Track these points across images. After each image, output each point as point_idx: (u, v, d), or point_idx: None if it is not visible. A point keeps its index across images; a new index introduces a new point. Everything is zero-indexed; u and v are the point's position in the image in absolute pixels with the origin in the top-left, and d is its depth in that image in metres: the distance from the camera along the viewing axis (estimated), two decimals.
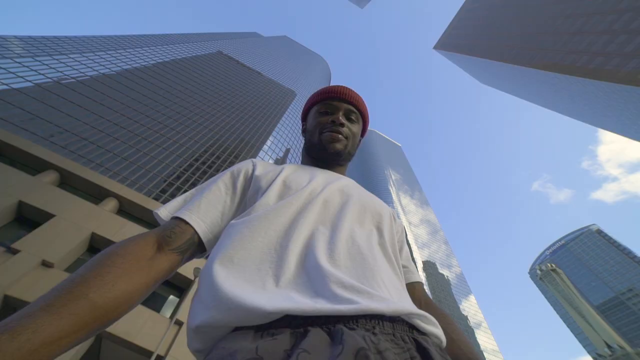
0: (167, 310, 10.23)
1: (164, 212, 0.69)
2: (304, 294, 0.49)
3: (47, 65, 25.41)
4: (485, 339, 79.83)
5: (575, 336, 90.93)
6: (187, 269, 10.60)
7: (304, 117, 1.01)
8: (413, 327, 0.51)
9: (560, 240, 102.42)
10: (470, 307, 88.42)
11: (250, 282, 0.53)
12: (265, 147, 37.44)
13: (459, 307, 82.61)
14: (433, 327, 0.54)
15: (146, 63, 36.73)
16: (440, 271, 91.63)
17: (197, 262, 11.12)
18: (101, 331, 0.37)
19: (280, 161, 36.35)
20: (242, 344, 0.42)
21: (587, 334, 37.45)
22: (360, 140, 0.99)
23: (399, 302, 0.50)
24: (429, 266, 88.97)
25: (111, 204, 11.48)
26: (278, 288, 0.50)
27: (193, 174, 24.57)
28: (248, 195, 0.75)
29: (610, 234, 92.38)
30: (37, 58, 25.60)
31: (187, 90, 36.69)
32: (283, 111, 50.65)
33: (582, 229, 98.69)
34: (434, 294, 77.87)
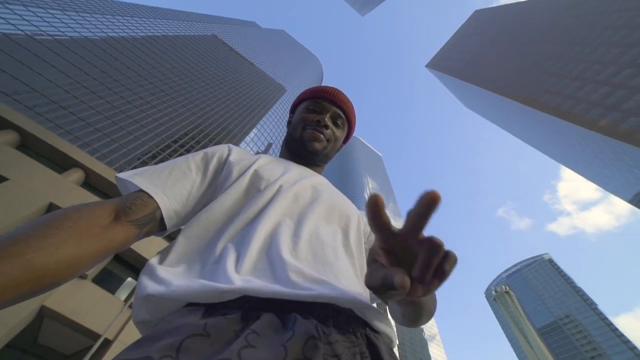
0: (122, 293, 9.80)
1: (127, 175, 0.65)
2: (262, 279, 0.49)
3: (19, 15, 23.45)
4: (436, 352, 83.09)
5: (517, 355, 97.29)
6: (150, 252, 10.23)
7: (293, 110, 1.01)
8: (366, 324, 0.51)
9: (516, 265, 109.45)
10: None
11: (210, 265, 0.53)
12: (247, 139, 36.87)
13: None
14: (386, 326, 0.54)
15: (135, 34, 34.95)
16: None
17: (160, 246, 10.77)
18: (38, 295, 0.32)
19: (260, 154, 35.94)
20: (190, 319, 0.41)
21: (527, 354, 40.18)
22: (341, 146, 0.99)
23: (356, 296, 0.50)
24: None
25: (76, 175, 10.82)
26: (237, 273, 0.50)
27: (170, 155, 23.68)
28: (219, 180, 0.73)
29: (559, 264, 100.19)
30: (8, 5, 23.55)
31: (175, 69, 35.35)
32: (271, 105, 50.14)
33: (536, 256, 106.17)
34: None
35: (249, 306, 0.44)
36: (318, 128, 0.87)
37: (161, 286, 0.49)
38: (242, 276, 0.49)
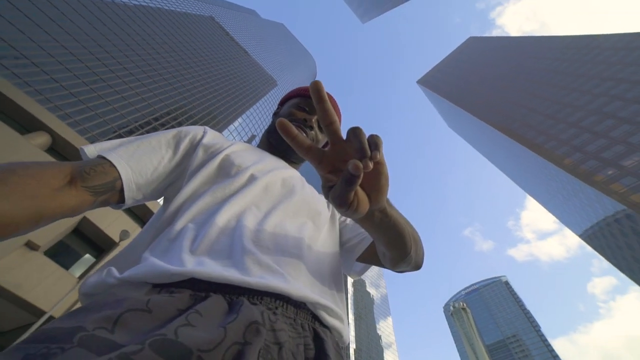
0: (77, 269, 9.25)
1: (92, 150, 0.61)
2: (216, 261, 0.48)
3: None
4: (391, 359, 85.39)
5: None
6: (113, 230, 9.74)
7: (282, 102, 0.99)
8: (316, 318, 0.52)
9: (475, 284, 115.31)
10: (386, 328, 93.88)
11: (165, 242, 0.53)
12: (231, 127, 36.13)
13: (375, 326, 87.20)
14: (337, 322, 0.54)
15: (128, 0, 33.21)
16: (368, 289, 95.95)
17: (125, 225, 10.30)
18: None
19: None
20: (134, 293, 0.40)
21: None
22: None
23: (309, 291, 0.51)
24: (358, 282, 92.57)
25: (42, 139, 10.07)
26: (191, 253, 0.49)
27: (148, 132, 22.69)
28: (189, 161, 0.70)
29: (513, 287, 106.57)
30: None
31: (166, 45, 33.96)
32: (260, 97, 49.45)
33: (494, 278, 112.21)
34: (357, 309, 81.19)
35: (198, 287, 0.43)
36: (303, 127, 0.85)
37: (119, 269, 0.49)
38: (196, 256, 0.48)
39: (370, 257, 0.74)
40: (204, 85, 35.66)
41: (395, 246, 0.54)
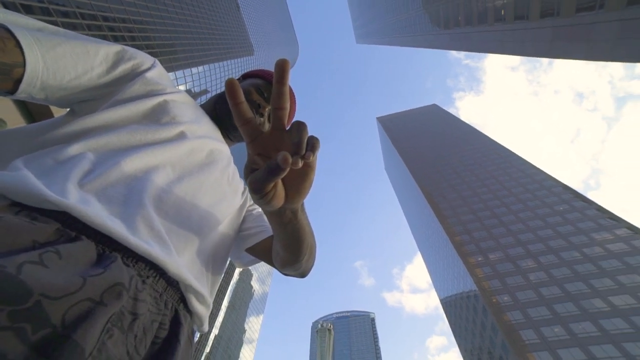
0: None
1: None
2: (104, 206, 0.42)
3: None
4: (247, 355, 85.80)
5: None
6: None
7: (245, 77, 0.92)
8: (183, 300, 0.49)
9: (347, 312, 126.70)
10: (254, 324, 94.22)
11: (52, 163, 0.44)
12: (187, 71, 32.67)
13: (245, 320, 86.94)
14: (203, 309, 0.53)
15: None
16: (252, 283, 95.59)
17: (5, 112, 8.25)
18: None
19: (191, 95, 32.26)
20: None
21: None
22: None
23: (187, 271, 0.48)
24: (245, 274, 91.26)
25: None
26: (79, 186, 0.41)
27: (89, 29, 18.80)
28: (120, 88, 0.58)
29: (377, 325, 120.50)
30: None
31: None
32: (231, 57, 46.20)
33: (364, 312, 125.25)
34: (234, 298, 79.72)
35: (71, 224, 0.36)
36: (253, 110, 0.81)
37: None
38: (82, 192, 0.41)
39: (262, 252, 0.75)
40: (179, 15, 31.63)
41: (291, 249, 0.54)
